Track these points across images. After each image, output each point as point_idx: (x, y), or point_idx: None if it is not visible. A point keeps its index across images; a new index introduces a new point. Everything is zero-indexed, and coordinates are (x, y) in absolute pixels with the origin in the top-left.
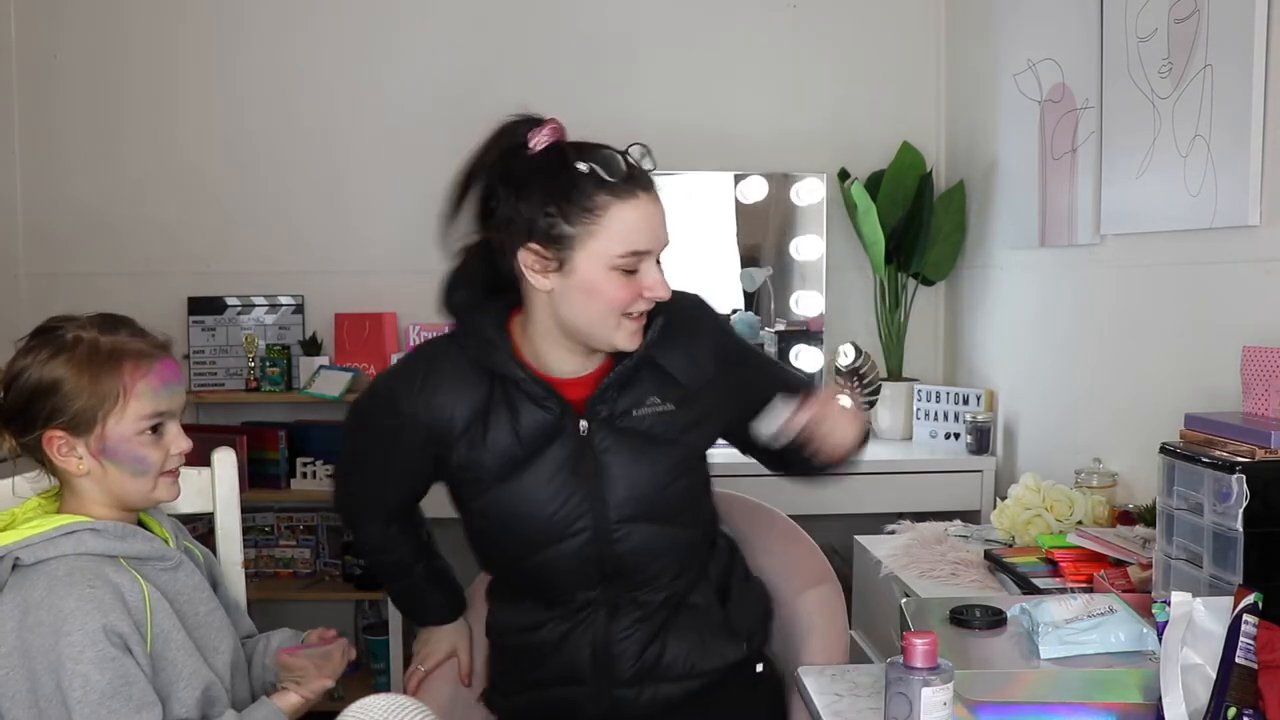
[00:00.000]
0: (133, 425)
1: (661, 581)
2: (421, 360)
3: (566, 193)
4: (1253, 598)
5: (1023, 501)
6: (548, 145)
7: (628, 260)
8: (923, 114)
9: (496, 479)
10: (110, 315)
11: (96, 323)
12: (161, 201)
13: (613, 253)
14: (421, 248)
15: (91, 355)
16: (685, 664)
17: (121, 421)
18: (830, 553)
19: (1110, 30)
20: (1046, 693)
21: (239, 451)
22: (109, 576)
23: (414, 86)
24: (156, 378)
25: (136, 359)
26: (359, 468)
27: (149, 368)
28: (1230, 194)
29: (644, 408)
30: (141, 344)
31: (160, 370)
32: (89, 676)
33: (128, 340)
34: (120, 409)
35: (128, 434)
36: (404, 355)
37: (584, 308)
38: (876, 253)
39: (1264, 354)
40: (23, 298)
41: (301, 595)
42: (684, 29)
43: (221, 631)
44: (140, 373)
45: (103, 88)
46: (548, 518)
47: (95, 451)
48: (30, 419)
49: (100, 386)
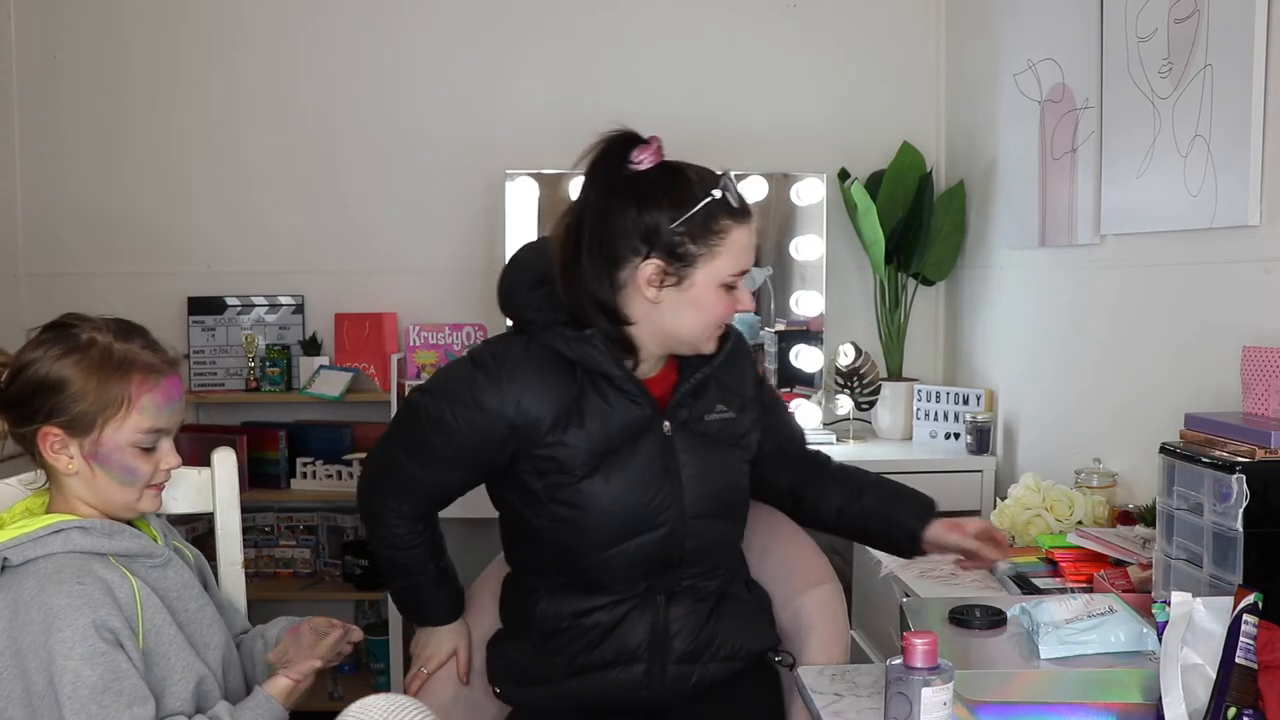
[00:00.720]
0: (129, 436)
1: (716, 571)
2: (500, 356)
3: (694, 214)
4: (1253, 598)
5: (1023, 501)
6: (655, 163)
7: (735, 279)
8: (923, 114)
9: (586, 472)
10: (126, 322)
11: (112, 327)
12: (162, 201)
13: (728, 271)
14: (421, 248)
15: (103, 360)
16: (733, 645)
17: (120, 431)
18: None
19: (1110, 30)
20: (1046, 693)
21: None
22: (98, 573)
23: (414, 86)
24: (161, 394)
25: (146, 371)
26: (419, 459)
27: (156, 382)
28: (1230, 194)
29: (713, 414)
30: (153, 357)
31: (166, 387)
32: (79, 672)
33: (140, 351)
34: (121, 418)
35: (122, 444)
36: (473, 350)
37: (690, 319)
38: (876, 253)
39: (1264, 354)
40: (23, 298)
41: (301, 595)
42: (684, 29)
43: (213, 627)
44: (147, 386)
45: (102, 88)
46: (640, 509)
47: (87, 455)
48: (30, 411)
49: (106, 393)
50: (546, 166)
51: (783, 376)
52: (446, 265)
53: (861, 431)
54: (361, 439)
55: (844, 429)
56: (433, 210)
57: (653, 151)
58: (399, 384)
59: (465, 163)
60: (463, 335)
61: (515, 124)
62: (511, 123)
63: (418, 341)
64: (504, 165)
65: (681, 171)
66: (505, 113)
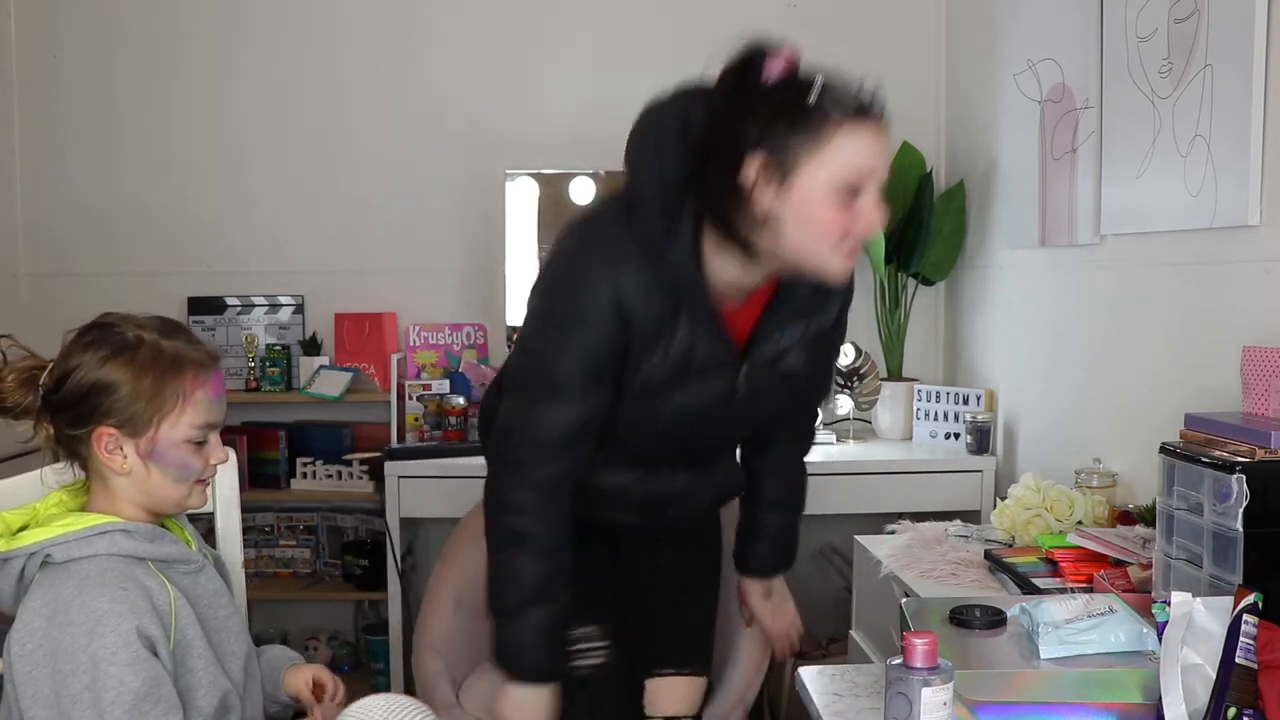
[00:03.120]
0: (185, 432)
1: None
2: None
3: (799, 108)
4: (1253, 598)
5: (1023, 501)
6: (784, 74)
7: (853, 186)
8: (923, 114)
9: (658, 389)
10: (168, 320)
11: (156, 325)
12: (161, 201)
13: (837, 174)
14: (421, 248)
15: (155, 358)
16: (720, 490)
17: (176, 427)
18: (830, 552)
19: (1110, 30)
20: (1046, 693)
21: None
22: (139, 579)
23: (414, 86)
24: (213, 389)
25: (197, 367)
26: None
27: (207, 378)
28: (1230, 194)
29: (793, 352)
30: (200, 353)
31: (215, 381)
32: (123, 678)
33: (187, 348)
34: (177, 415)
35: (178, 440)
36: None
37: (800, 230)
38: (876, 253)
39: (1264, 354)
40: (23, 298)
41: (301, 595)
42: (684, 29)
43: (239, 636)
44: (200, 381)
45: (103, 87)
46: (687, 427)
47: (143, 453)
48: (84, 414)
49: (162, 390)
50: (546, 166)
51: None
52: (446, 265)
53: (861, 431)
54: (361, 439)
55: (844, 429)
56: (433, 210)
57: (783, 61)
58: (399, 384)
59: (465, 163)
60: (463, 335)
61: (515, 124)
62: (511, 123)
63: (418, 341)
64: (504, 165)
65: (799, 76)
66: (505, 113)
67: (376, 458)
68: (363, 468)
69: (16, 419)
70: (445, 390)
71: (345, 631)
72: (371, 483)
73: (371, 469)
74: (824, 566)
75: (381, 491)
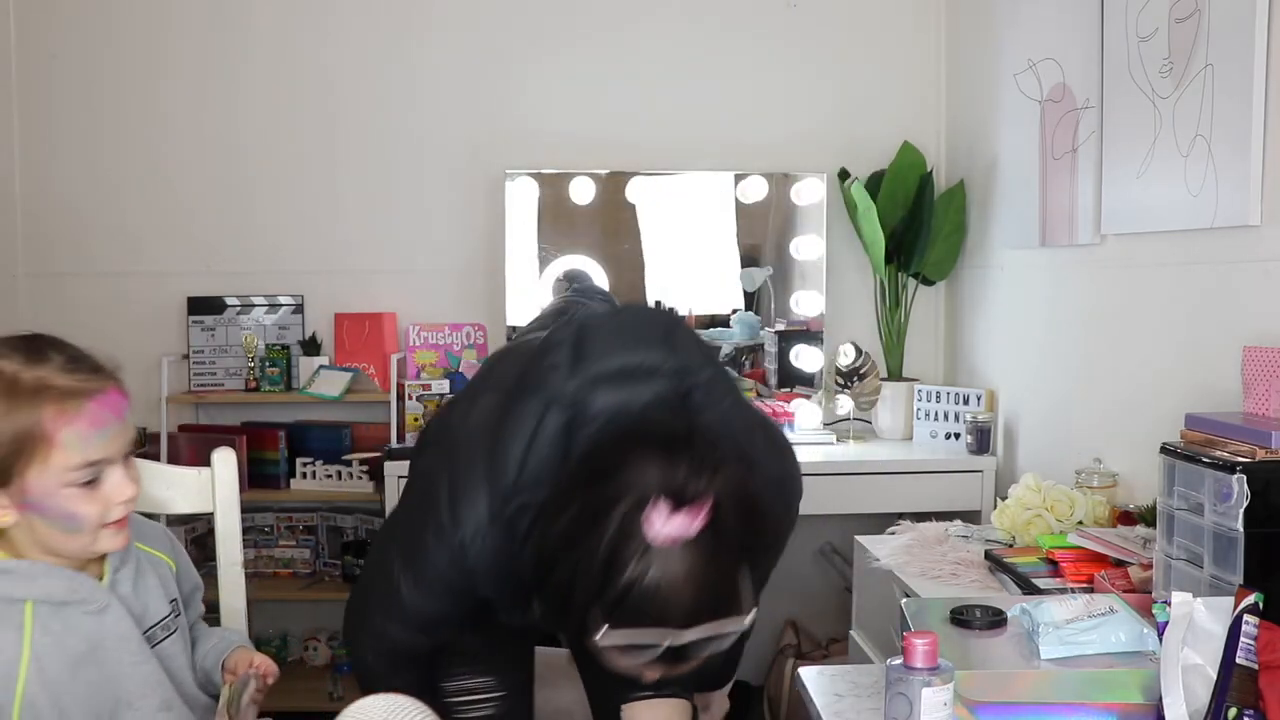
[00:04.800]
0: (58, 478)
1: None
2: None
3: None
4: (1253, 598)
5: (1023, 501)
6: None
7: None
8: (923, 114)
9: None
10: (40, 338)
11: (21, 348)
12: (161, 201)
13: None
14: (421, 248)
15: (8, 394)
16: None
17: (45, 474)
18: (830, 552)
19: (1111, 30)
20: (1046, 693)
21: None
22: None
23: (414, 86)
24: (87, 422)
25: (61, 401)
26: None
27: (76, 410)
28: (1231, 194)
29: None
30: (71, 380)
31: (92, 412)
32: None
33: (54, 375)
34: (43, 460)
35: (52, 488)
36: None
37: None
38: (876, 253)
39: (1264, 354)
40: (22, 298)
41: (301, 595)
42: (684, 28)
43: (146, 684)
44: (65, 418)
45: (102, 88)
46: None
47: (18, 505)
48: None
49: (15, 431)
50: (546, 166)
51: (783, 376)
52: (446, 265)
53: (861, 431)
54: (361, 439)
55: (844, 429)
56: (433, 210)
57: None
58: (398, 384)
59: (465, 163)
60: (462, 335)
61: (515, 124)
62: (511, 123)
63: (417, 341)
64: (504, 165)
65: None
66: (505, 113)
67: (376, 458)
68: (362, 468)
69: None
70: (445, 390)
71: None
72: (371, 483)
73: (371, 469)
74: (824, 566)
75: (381, 491)
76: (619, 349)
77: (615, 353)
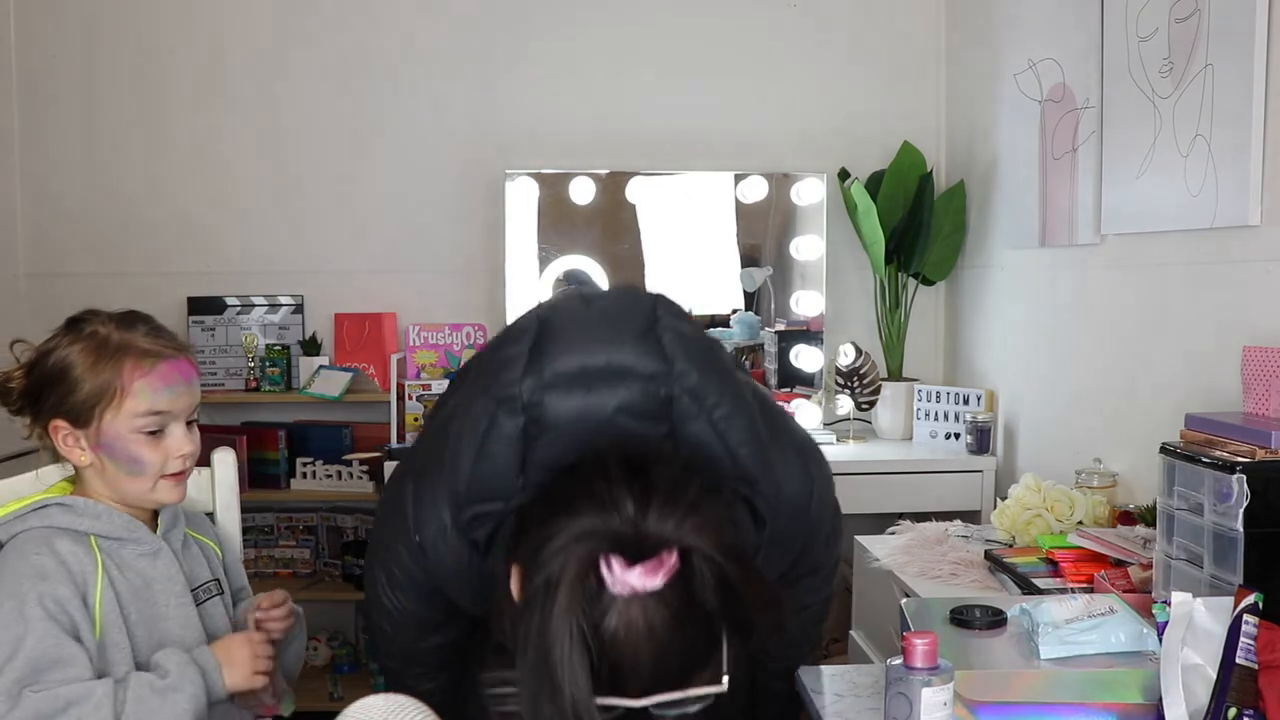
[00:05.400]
0: (128, 423)
1: None
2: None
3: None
4: (1253, 598)
5: (1023, 501)
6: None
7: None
8: (923, 114)
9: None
10: (132, 313)
11: (116, 318)
12: (161, 201)
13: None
14: (421, 248)
15: (99, 349)
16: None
17: (117, 418)
18: None
19: (1111, 30)
20: (1046, 693)
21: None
22: (58, 547)
23: (414, 86)
24: (158, 378)
25: (139, 357)
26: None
27: (151, 367)
28: (1230, 194)
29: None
30: (151, 343)
31: (164, 371)
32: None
33: (137, 338)
34: (116, 405)
35: (123, 431)
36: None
37: None
38: (876, 253)
39: (1264, 354)
40: (22, 298)
41: (301, 595)
42: (684, 28)
43: (185, 629)
44: (140, 371)
45: (101, 88)
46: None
47: (94, 445)
48: (40, 406)
49: (99, 380)
50: (546, 166)
51: (783, 376)
52: (446, 265)
53: (861, 431)
54: (361, 439)
55: (844, 429)
56: (433, 210)
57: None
58: (399, 384)
59: (465, 163)
60: (462, 335)
61: (515, 124)
62: (511, 123)
63: (417, 341)
64: (504, 165)
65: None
66: (505, 113)
67: (376, 458)
68: (363, 468)
69: (18, 415)
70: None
71: (345, 631)
72: (371, 483)
73: (371, 469)
74: None
75: (381, 491)
76: (583, 345)
77: (578, 349)
